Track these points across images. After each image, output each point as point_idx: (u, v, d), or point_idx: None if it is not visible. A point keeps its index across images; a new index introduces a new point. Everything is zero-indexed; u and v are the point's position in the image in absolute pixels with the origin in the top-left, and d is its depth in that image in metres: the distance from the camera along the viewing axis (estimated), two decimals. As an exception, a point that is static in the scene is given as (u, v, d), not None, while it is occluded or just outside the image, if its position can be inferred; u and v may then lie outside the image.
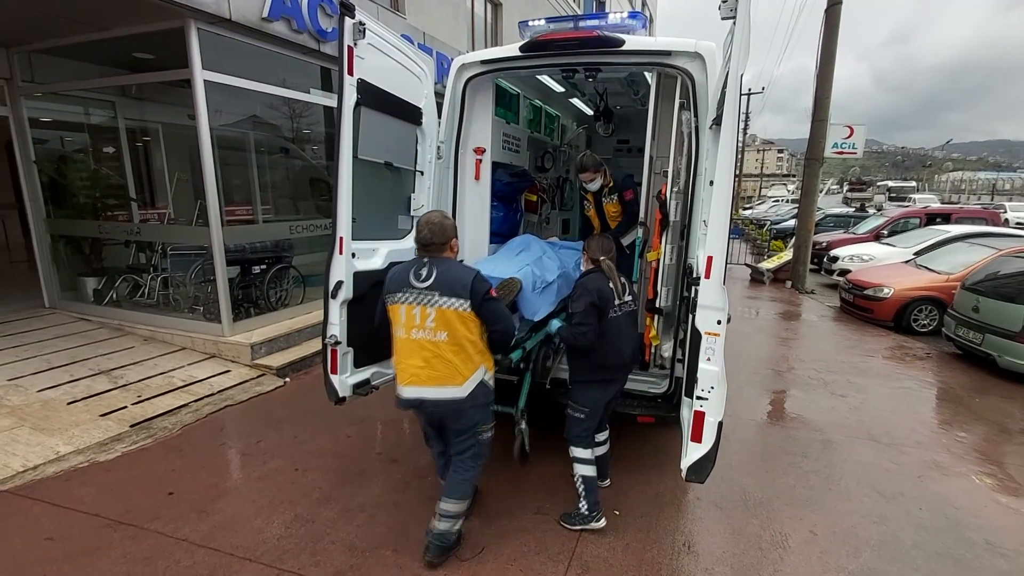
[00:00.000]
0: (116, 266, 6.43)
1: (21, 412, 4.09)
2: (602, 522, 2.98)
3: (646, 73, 4.55)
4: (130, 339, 5.74)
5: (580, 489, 2.98)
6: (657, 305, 3.46)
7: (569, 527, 2.99)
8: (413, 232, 3.69)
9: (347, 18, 2.75)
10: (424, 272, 2.49)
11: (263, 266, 6.06)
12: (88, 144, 7.14)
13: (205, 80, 4.93)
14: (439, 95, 3.73)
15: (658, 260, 3.41)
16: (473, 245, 4.09)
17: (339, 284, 2.94)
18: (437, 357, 2.47)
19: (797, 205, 12.35)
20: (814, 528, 3.08)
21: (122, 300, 6.25)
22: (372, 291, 2.93)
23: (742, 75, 2.35)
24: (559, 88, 5.56)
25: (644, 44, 3.34)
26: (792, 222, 15.03)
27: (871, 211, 19.05)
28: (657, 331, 3.56)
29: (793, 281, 11.21)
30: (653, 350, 3.62)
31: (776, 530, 3.05)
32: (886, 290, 7.92)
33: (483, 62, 3.70)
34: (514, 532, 2.95)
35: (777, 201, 33.20)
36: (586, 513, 2.97)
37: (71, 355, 5.18)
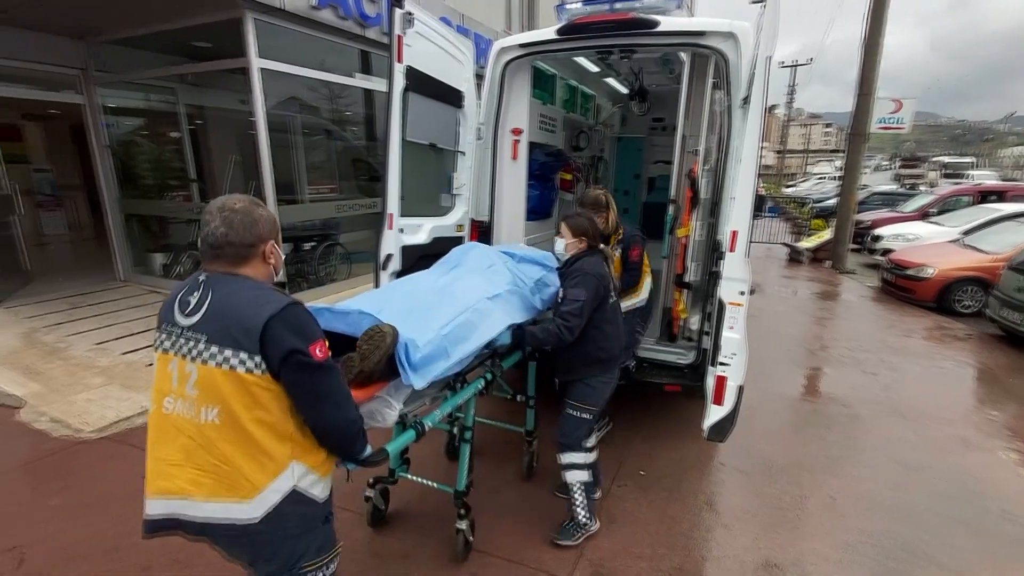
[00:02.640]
0: (180, 243, 6.97)
1: (109, 372, 4.61)
2: (597, 524, 2.82)
3: (680, 53, 4.61)
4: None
5: (578, 497, 2.71)
6: (686, 280, 3.62)
7: (571, 543, 2.71)
8: (455, 209, 3.96)
9: (397, 9, 2.97)
10: (194, 299, 1.42)
11: (312, 243, 6.47)
12: (152, 129, 7.68)
13: (260, 68, 5.27)
14: (478, 77, 3.92)
15: (688, 236, 3.55)
16: (511, 223, 4.30)
17: (389, 257, 3.23)
18: (202, 449, 1.38)
19: (841, 183, 11.99)
20: (833, 493, 3.24)
21: (186, 274, 6.79)
22: (418, 264, 3.21)
23: (770, 57, 2.46)
24: (594, 68, 5.65)
25: (678, 25, 3.43)
26: (835, 200, 14.59)
27: (922, 189, 18.20)
28: (685, 304, 3.73)
29: (833, 261, 10.99)
30: (681, 323, 3.79)
31: (796, 494, 3.23)
32: (929, 270, 7.74)
33: (521, 45, 3.86)
34: (544, 490, 3.18)
35: (822, 178, 31.90)
36: (585, 521, 2.75)
37: (146, 323, 5.72)
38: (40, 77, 6.38)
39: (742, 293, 2.55)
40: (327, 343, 1.45)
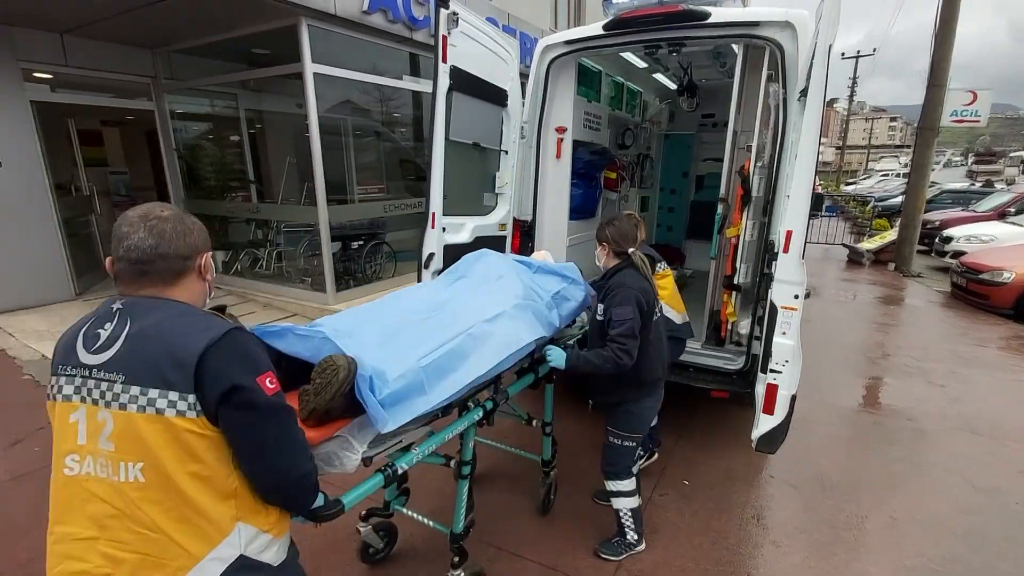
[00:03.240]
0: (239, 241, 7.34)
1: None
2: (644, 545, 2.69)
3: (733, 45, 4.44)
4: (252, 305, 6.59)
5: (628, 522, 2.61)
6: (735, 282, 3.48)
7: (614, 559, 2.62)
8: (498, 208, 3.97)
9: (442, 9, 3.00)
10: (106, 331, 1.15)
11: (360, 242, 6.66)
12: (215, 133, 8.11)
13: (314, 72, 5.46)
14: (523, 76, 3.91)
15: (738, 236, 3.41)
16: (553, 223, 4.27)
17: (431, 255, 3.26)
18: (123, 516, 1.11)
19: (907, 180, 11.24)
20: (894, 513, 3.02)
21: (244, 271, 7.14)
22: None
23: (831, 46, 2.32)
24: (642, 64, 5.53)
25: (731, 16, 3.30)
26: (900, 199, 13.69)
27: (999, 186, 16.80)
28: (735, 308, 3.59)
29: (897, 263, 10.31)
30: (729, 327, 3.65)
31: (853, 512, 3.03)
32: (1006, 274, 7.12)
33: (567, 42, 3.82)
34: (585, 495, 3.14)
35: (886, 175, 29.99)
36: (634, 541, 2.65)
37: (206, 316, 6.06)
38: (117, 86, 6.87)
39: (796, 297, 2.42)
40: (275, 376, 1.21)
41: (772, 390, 2.50)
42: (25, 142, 5.81)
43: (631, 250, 2.41)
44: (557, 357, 2.32)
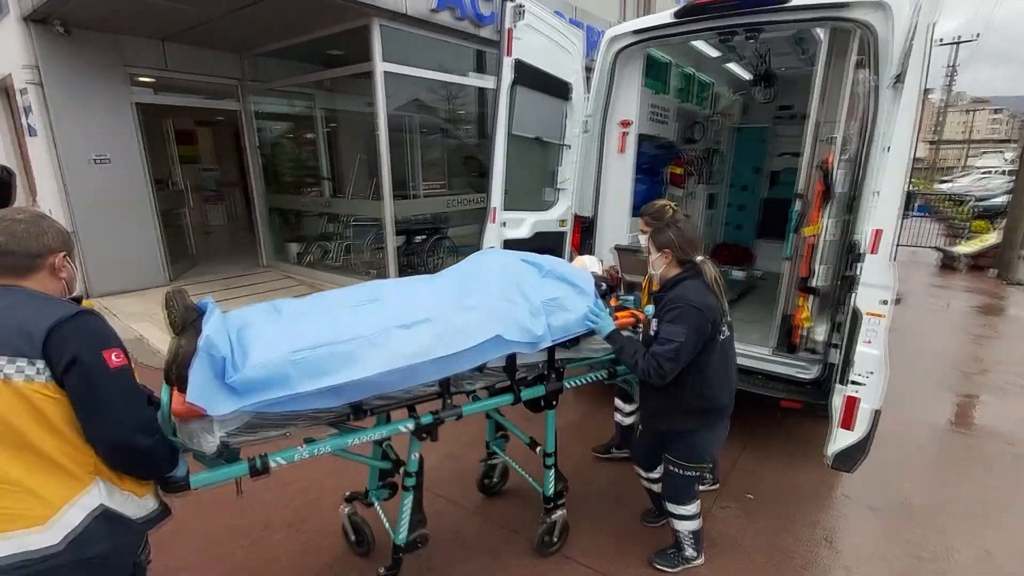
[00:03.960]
0: (311, 234, 7.74)
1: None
2: (703, 559, 2.54)
3: (817, 29, 4.13)
4: (320, 294, 6.94)
5: (688, 541, 2.47)
6: (812, 284, 3.24)
7: (669, 570, 2.50)
8: (558, 204, 3.92)
9: (508, 1, 2.99)
10: None
11: (423, 236, 6.83)
12: (293, 131, 8.60)
13: (384, 71, 5.65)
14: (588, 70, 3.83)
15: (816, 235, 3.17)
16: (615, 219, 4.16)
17: (491, 249, 3.27)
18: None
19: (1013, 178, 10.06)
20: (989, 547, 2.70)
21: (315, 263, 7.52)
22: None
23: (933, 25, 2.09)
24: (714, 53, 5.27)
25: (815, -3, 3.06)
26: (1004, 198, 12.28)
27: None
28: (810, 313, 3.34)
29: (999, 269, 9.25)
30: (803, 332, 3.40)
31: (940, 542, 2.74)
32: None
33: (635, 32, 3.70)
34: (639, 502, 2.98)
35: (987, 173, 26.93)
36: (692, 555, 2.51)
37: (280, 304, 6.44)
38: (208, 88, 7.43)
39: (884, 302, 2.21)
40: (126, 354, 1.35)
41: (852, 403, 2.31)
42: (129, 141, 6.42)
43: (699, 259, 2.07)
44: (605, 321, 2.13)
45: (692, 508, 2.38)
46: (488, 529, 2.77)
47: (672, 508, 2.39)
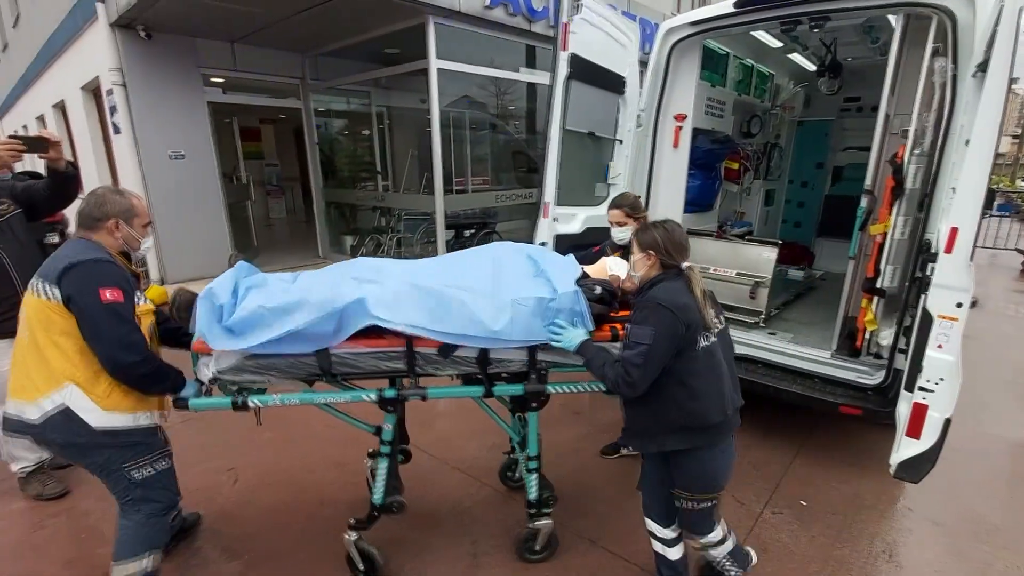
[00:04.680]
0: (365, 227, 8.01)
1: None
2: (754, 559, 2.34)
3: (889, 16, 3.90)
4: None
5: (728, 566, 2.19)
6: (879, 285, 3.08)
7: None
8: (609, 199, 3.89)
9: None
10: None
11: (472, 230, 6.93)
12: (350, 128, 8.91)
13: (438, 68, 5.76)
14: (642, 63, 3.78)
15: (885, 234, 3.01)
16: (666, 216, 4.09)
17: (543, 245, 3.30)
18: (17, 358, 1.87)
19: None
20: (1073, 571, 2.50)
21: (369, 255, 7.78)
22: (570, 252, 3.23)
23: (1022, 10, 1.94)
24: (776, 43, 5.06)
25: (889, -18, 2.89)
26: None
27: None
28: (875, 315, 3.17)
29: (1101, 276, 8.43)
30: (867, 336, 3.24)
31: (1012, 562, 2.55)
32: None
33: (692, 23, 3.61)
34: None
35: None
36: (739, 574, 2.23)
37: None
38: (272, 87, 7.82)
39: (960, 305, 2.08)
40: (126, 293, 1.83)
41: (920, 411, 2.19)
42: (202, 138, 6.85)
43: (686, 265, 1.89)
44: (568, 337, 1.96)
45: (716, 534, 2.10)
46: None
47: (697, 541, 2.11)
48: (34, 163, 2.89)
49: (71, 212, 2.50)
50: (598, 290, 2.22)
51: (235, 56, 7.00)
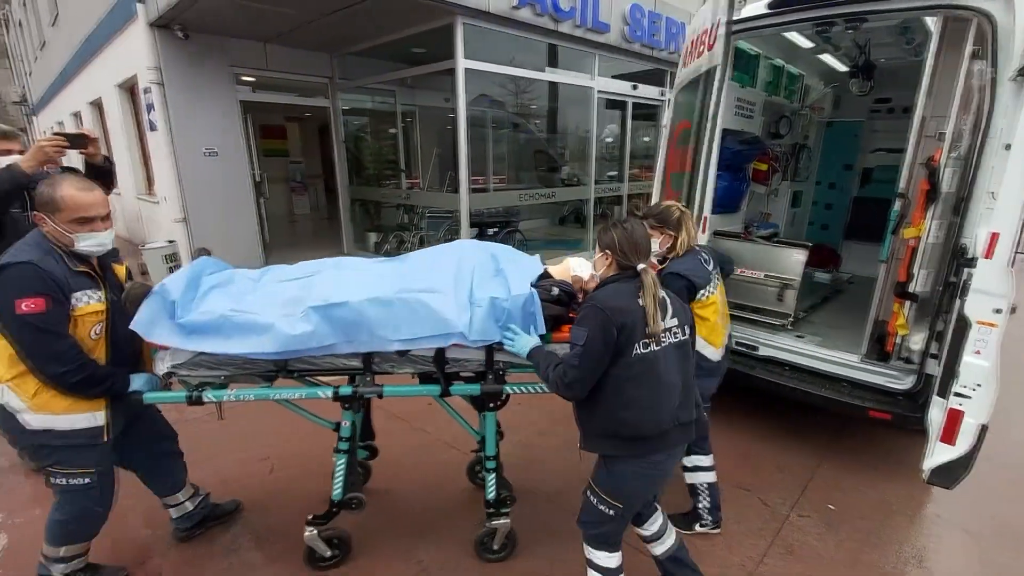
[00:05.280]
0: (389, 224, 8.13)
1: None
2: None
3: (926, 18, 3.84)
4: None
5: None
6: (911, 290, 3.05)
7: None
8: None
9: None
10: None
11: (495, 229, 6.99)
12: (374, 126, 9.03)
13: (465, 68, 5.82)
14: (667, 63, 3.78)
15: (918, 238, 2.98)
16: (694, 216, 4.08)
17: None
18: None
19: None
20: (1113, 584, 2.47)
21: (392, 252, 7.89)
22: None
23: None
24: (808, 44, 5.00)
25: (928, -16, 2.86)
26: None
27: None
28: (906, 319, 3.15)
29: None
30: (898, 341, 3.21)
31: (1049, 573, 2.54)
32: None
33: (697, 13, 3.61)
34: None
35: None
36: None
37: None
38: (301, 86, 7.96)
39: (998, 311, 2.07)
40: (52, 300, 1.79)
41: (955, 416, 2.18)
42: (235, 136, 7.02)
43: (641, 267, 1.79)
44: (519, 343, 1.95)
45: (607, 559, 1.95)
46: (557, 514, 2.85)
47: (586, 551, 2.00)
48: (69, 159, 3.07)
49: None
50: (555, 291, 2.19)
51: (266, 56, 7.16)
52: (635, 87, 8.22)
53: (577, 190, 8.03)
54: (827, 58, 5.62)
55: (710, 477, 2.65)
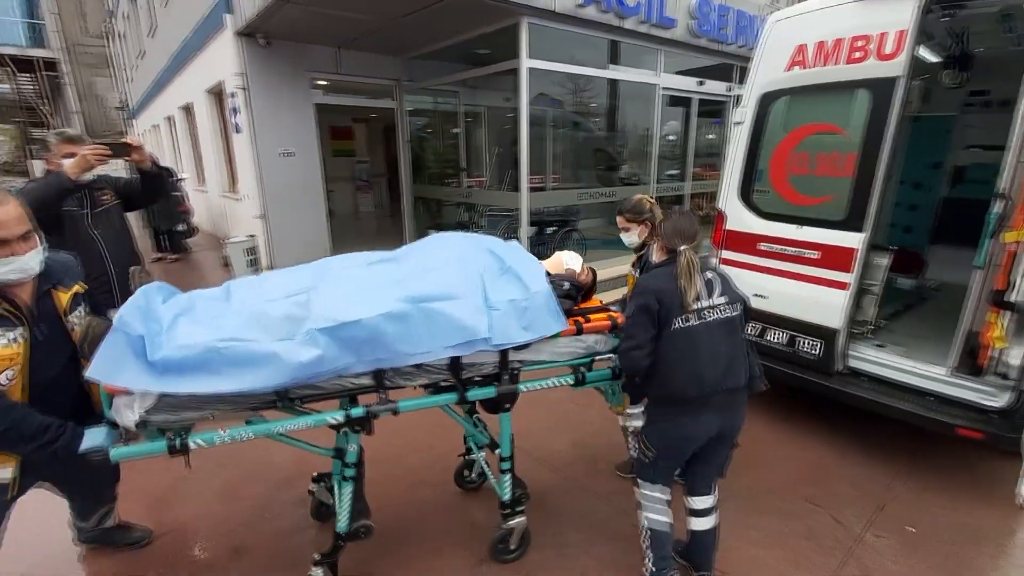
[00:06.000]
0: (449, 222, 8.33)
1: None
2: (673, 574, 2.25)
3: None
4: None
5: (644, 542, 2.24)
6: (1010, 299, 2.81)
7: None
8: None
9: None
10: None
11: (554, 227, 7.01)
12: (436, 126, 9.28)
13: (528, 68, 5.88)
14: (735, 57, 3.66)
15: (1019, 242, 2.75)
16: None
17: None
18: None
19: None
20: None
21: (451, 248, 8.09)
22: None
23: None
24: (895, 35, 4.68)
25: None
26: None
27: None
28: (1004, 331, 2.90)
29: None
30: (993, 354, 2.97)
31: None
32: None
33: (802, 15, 3.46)
34: (781, 513, 2.90)
35: None
36: (653, 571, 2.22)
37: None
38: (369, 88, 8.30)
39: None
40: None
41: (1059, 438, 2.00)
42: (309, 137, 7.43)
43: (681, 248, 2.03)
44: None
45: (648, 487, 2.23)
46: (614, 514, 2.85)
47: (637, 491, 2.28)
48: (117, 167, 3.23)
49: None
50: (566, 286, 2.30)
51: (339, 60, 7.52)
52: (701, 83, 7.99)
53: (637, 189, 7.92)
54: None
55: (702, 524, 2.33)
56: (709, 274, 2.07)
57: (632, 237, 2.83)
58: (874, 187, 3.15)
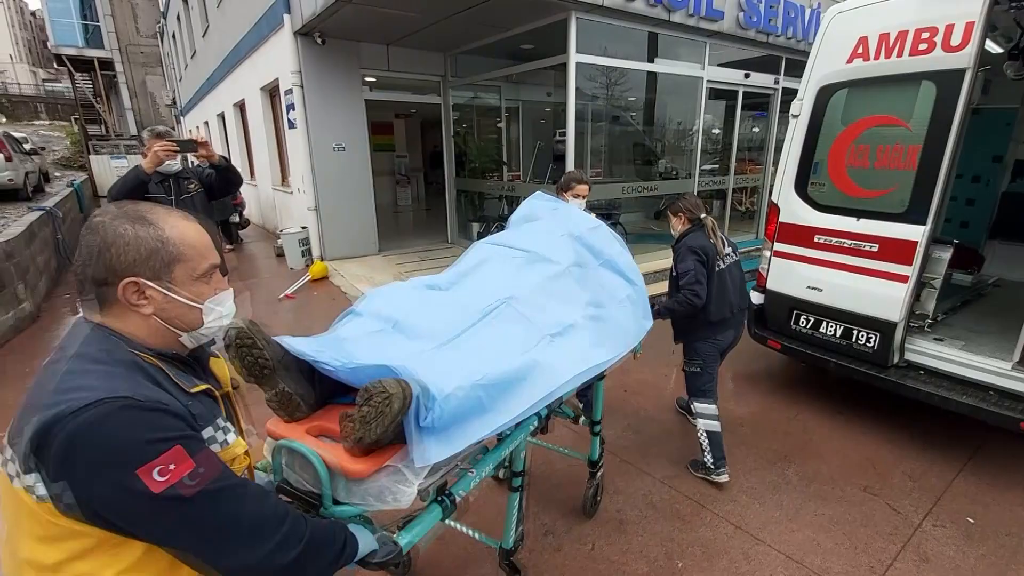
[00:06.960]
0: (491, 215, 8.48)
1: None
2: (724, 476, 2.98)
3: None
4: (498, 270, 7.61)
5: (704, 443, 2.99)
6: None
7: (693, 472, 3.10)
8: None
9: None
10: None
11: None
12: (479, 121, 9.43)
13: (577, 62, 5.95)
14: (789, 50, 3.66)
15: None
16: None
17: None
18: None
19: None
20: None
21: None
22: None
23: None
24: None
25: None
26: None
27: None
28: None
29: None
30: (1062, 348, 2.94)
31: None
32: None
33: (864, 7, 3.45)
34: (837, 500, 2.95)
35: None
36: (711, 465, 2.99)
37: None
38: (415, 84, 8.50)
39: None
40: (191, 447, 0.86)
41: None
42: (360, 132, 7.69)
43: (703, 216, 2.97)
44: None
45: (708, 407, 2.99)
46: (671, 498, 2.95)
47: (695, 407, 3.05)
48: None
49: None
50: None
51: (388, 57, 7.74)
52: (747, 75, 7.90)
53: (679, 183, 7.89)
54: (980, 39, 5.10)
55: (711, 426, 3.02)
56: (720, 233, 3.00)
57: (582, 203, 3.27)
58: (938, 180, 3.14)
